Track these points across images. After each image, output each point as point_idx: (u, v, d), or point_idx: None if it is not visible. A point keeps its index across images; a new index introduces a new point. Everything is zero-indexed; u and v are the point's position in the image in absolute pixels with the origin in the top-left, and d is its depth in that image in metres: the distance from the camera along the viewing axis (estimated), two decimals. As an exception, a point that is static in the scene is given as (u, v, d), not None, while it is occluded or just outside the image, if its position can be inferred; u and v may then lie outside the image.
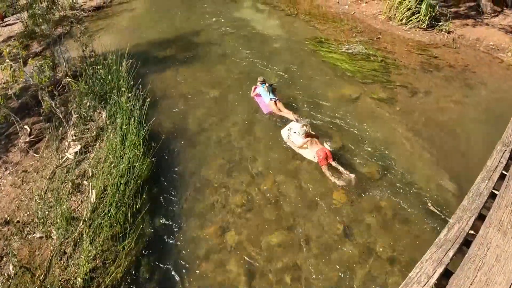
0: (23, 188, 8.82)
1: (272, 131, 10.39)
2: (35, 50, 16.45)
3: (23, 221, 8.04)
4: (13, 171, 9.38)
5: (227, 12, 19.47)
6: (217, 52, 15.03)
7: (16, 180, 9.06)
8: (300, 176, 8.92)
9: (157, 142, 9.29)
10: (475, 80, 12.40)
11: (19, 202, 8.49)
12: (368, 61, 13.50)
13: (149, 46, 15.93)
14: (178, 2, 21.85)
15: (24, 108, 11.67)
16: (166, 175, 9.10)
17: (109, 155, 8.89)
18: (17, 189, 8.81)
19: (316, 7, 19.65)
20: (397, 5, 16.66)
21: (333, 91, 11.85)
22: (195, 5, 20.64)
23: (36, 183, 8.90)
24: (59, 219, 7.62)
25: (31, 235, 7.74)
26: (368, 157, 9.24)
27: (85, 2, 23.40)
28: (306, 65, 13.52)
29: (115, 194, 7.84)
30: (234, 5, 20.81)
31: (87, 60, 13.05)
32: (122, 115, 9.89)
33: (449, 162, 9.07)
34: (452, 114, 10.79)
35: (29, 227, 7.92)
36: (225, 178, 9.01)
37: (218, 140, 10.20)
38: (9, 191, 8.81)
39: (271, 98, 10.99)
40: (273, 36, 16.25)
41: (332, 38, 15.59)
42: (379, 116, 10.73)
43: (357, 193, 8.33)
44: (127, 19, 20.09)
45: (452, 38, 15.05)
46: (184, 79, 13.12)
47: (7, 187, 8.92)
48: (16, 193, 8.71)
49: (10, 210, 8.30)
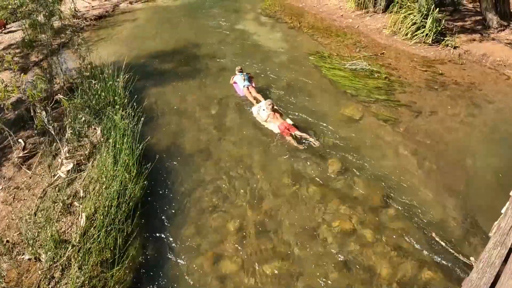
0: (14, 206, 8.57)
1: (270, 153, 10.14)
2: (35, 59, 16.34)
3: (13, 241, 7.78)
4: (5, 187, 9.15)
5: (230, 24, 19.38)
6: (217, 66, 14.83)
7: (8, 197, 8.82)
8: (300, 201, 8.62)
9: (152, 161, 9.04)
10: (481, 98, 12.12)
11: (10, 220, 8.23)
12: (372, 78, 13.21)
13: (149, 58, 15.79)
14: (181, 14, 21.82)
15: (19, 120, 11.47)
16: (159, 198, 8.84)
17: (101, 175, 8.64)
18: (8, 207, 8.56)
19: (320, 20, 19.52)
20: (402, 19, 16.44)
21: (335, 111, 11.58)
22: (198, 17, 20.59)
23: (27, 202, 8.65)
24: (48, 241, 7.33)
25: (20, 256, 7.47)
26: (370, 181, 8.96)
27: (88, 11, 23.38)
28: (308, 82, 13.25)
29: (106, 218, 7.56)
30: (237, 17, 20.72)
31: (84, 73, 12.87)
32: (116, 133, 9.66)
33: (454, 187, 8.76)
34: (458, 135, 10.51)
35: (19, 247, 7.66)
36: (220, 202, 8.72)
37: (214, 162, 9.93)
38: (0, 208, 8.56)
39: (244, 85, 12.56)
40: (276, 50, 16.06)
41: (335, 53, 15.36)
42: (383, 138, 10.44)
43: (359, 221, 8.02)
44: (129, 29, 20.02)
45: (458, 54, 14.79)
46: (182, 95, 12.91)
47: (-1, 203, 8.66)
48: (7, 211, 8.45)
49: (0, 229, 8.06)
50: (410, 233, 7.73)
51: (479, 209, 8.10)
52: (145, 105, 11.86)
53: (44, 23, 13.25)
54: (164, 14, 22.50)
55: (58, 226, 7.81)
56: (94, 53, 14.38)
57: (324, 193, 8.71)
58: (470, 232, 7.69)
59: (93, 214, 7.83)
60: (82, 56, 13.45)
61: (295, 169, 9.46)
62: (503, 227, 5.82)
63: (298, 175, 9.28)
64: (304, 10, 21.35)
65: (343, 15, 19.63)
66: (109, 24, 21.16)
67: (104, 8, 24.16)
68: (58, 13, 14.25)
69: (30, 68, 15.96)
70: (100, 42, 18.03)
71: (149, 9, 23.82)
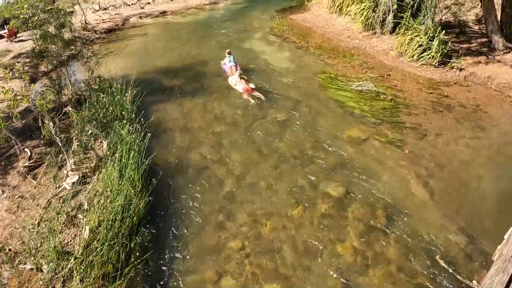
0: (18, 215, 8.61)
1: (275, 171, 10.15)
2: (44, 70, 16.52)
3: (15, 250, 7.79)
4: (10, 195, 9.21)
5: (238, 43, 19.54)
6: (224, 85, 14.91)
7: (12, 206, 8.86)
8: (304, 221, 8.60)
9: (157, 177, 9.05)
10: (486, 121, 12.14)
11: (13, 229, 8.26)
12: (378, 99, 13.26)
13: (157, 74, 15.92)
14: (190, 31, 22.07)
15: (26, 130, 11.61)
16: (164, 214, 8.85)
17: (107, 188, 8.66)
18: (12, 215, 8.60)
19: (327, 40, 19.68)
20: (408, 41, 16.56)
21: (340, 132, 11.59)
22: (206, 35, 20.79)
23: (31, 211, 8.69)
24: (51, 252, 7.35)
25: (22, 265, 7.48)
26: (374, 204, 8.94)
27: (98, 24, 23.71)
28: (314, 103, 13.32)
29: (109, 231, 7.58)
30: (245, 36, 20.92)
31: (92, 86, 13.00)
32: (122, 147, 9.71)
33: (458, 210, 8.74)
34: (462, 158, 10.49)
35: (21, 256, 7.67)
36: (224, 221, 8.71)
37: (219, 180, 9.94)
38: (3, 216, 8.61)
39: (230, 66, 15.53)
40: (282, 70, 16.16)
41: (341, 73, 15.44)
42: (387, 160, 10.44)
43: (362, 242, 8.01)
44: (138, 44, 20.23)
45: (464, 76, 14.84)
46: (189, 112, 13.00)
47: (2, 212, 8.72)
48: (10, 219, 8.50)
49: (3, 237, 8.07)
50: (414, 255, 7.71)
51: (484, 233, 8.07)
52: (152, 121, 11.96)
53: (55, 34, 13.41)
54: (173, 30, 22.74)
55: (61, 238, 7.84)
56: (103, 67, 14.55)
57: (328, 214, 8.71)
58: (474, 255, 7.67)
59: (97, 227, 7.85)
60: (91, 69, 13.61)
61: (300, 189, 9.48)
62: (505, 253, 5.77)
63: (303, 195, 9.28)
64: (312, 30, 21.55)
65: (350, 36, 19.82)
66: (118, 38, 21.41)
67: (114, 22, 24.50)
68: (69, 25, 14.44)
69: (39, 78, 16.17)
70: (109, 55, 18.24)
71: (158, 25, 24.12)
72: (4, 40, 22.84)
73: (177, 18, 25.20)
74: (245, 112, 12.85)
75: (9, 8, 12.95)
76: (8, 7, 12.98)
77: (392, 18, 17.85)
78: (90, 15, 24.80)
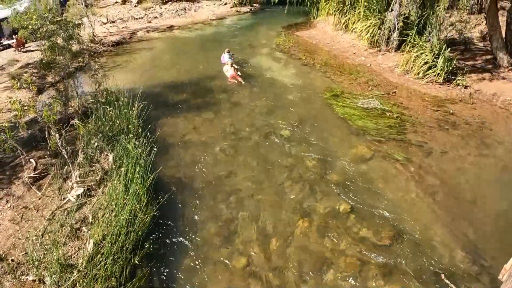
0: (21, 225, 8.60)
1: (277, 190, 10.14)
2: (51, 81, 16.61)
3: (17, 260, 7.78)
4: (14, 205, 9.21)
5: (244, 58, 19.69)
6: (230, 100, 15.03)
7: (16, 216, 8.87)
8: (309, 239, 8.57)
9: (162, 192, 9.07)
10: (492, 138, 12.18)
11: (16, 239, 8.25)
12: (383, 117, 13.28)
13: (163, 88, 16.01)
14: (197, 46, 22.23)
15: (32, 140, 11.64)
16: (168, 229, 8.82)
17: (112, 202, 8.67)
18: (16, 226, 8.60)
19: (333, 57, 19.80)
20: (414, 58, 16.66)
21: (346, 149, 11.63)
22: (213, 50, 20.89)
23: (35, 222, 8.67)
24: (54, 264, 7.33)
25: (24, 276, 7.45)
26: (379, 221, 8.91)
27: (105, 37, 23.89)
28: (320, 120, 13.38)
29: (114, 245, 7.55)
30: (251, 52, 21.08)
31: (99, 98, 13.06)
32: (128, 161, 9.74)
33: (464, 228, 8.71)
34: (468, 176, 10.48)
35: (23, 267, 7.65)
36: (229, 237, 8.69)
37: (224, 196, 9.92)
38: (7, 226, 8.60)
39: (228, 61, 18.00)
40: (289, 87, 16.26)
41: (347, 91, 15.51)
42: (393, 178, 10.44)
43: (367, 260, 7.95)
44: (144, 58, 20.36)
45: (469, 93, 14.92)
46: (195, 127, 13.06)
47: (6, 221, 8.73)
48: (14, 230, 8.49)
49: (6, 247, 8.06)
50: (419, 273, 7.67)
51: (489, 251, 8.05)
52: (158, 135, 12.00)
53: (63, 46, 13.51)
54: (180, 45, 22.90)
55: (64, 250, 7.82)
56: (110, 79, 14.64)
57: (334, 232, 8.68)
58: (480, 274, 7.63)
59: (101, 240, 7.83)
60: (98, 82, 13.68)
61: (305, 206, 9.47)
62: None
63: (308, 213, 9.26)
64: (318, 47, 21.70)
65: (356, 53, 19.95)
66: (125, 51, 21.55)
67: (122, 35, 24.67)
68: (77, 37, 14.56)
69: (46, 88, 16.25)
70: (116, 68, 18.34)
71: (165, 39, 24.29)
72: (12, 50, 23.08)
73: (184, 33, 25.39)
74: (251, 128, 12.91)
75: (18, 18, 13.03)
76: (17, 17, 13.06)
77: (397, 36, 17.93)
78: (98, 28, 25.00)
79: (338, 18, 23.31)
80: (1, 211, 9.05)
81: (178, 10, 33.71)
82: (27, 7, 13.98)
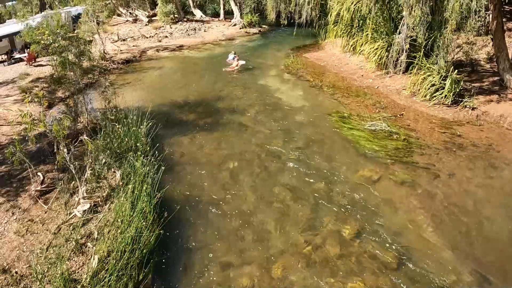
0: (26, 238, 8.61)
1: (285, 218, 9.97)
2: (61, 96, 16.80)
3: (21, 273, 7.76)
4: (20, 218, 9.25)
5: (253, 79, 19.87)
6: (237, 121, 15.12)
7: (21, 228, 8.89)
8: (315, 261, 8.48)
9: (169, 211, 9.01)
10: (499, 160, 12.10)
11: (20, 252, 8.24)
12: (391, 139, 13.27)
13: (172, 107, 16.16)
14: (205, 66, 22.51)
15: (40, 154, 11.75)
16: (173, 248, 8.78)
17: (117, 219, 8.67)
18: (21, 238, 8.61)
19: (341, 79, 19.94)
20: (421, 80, 16.72)
21: (352, 172, 11.61)
22: (221, 70, 21.04)
23: (40, 236, 8.69)
24: (58, 278, 7.29)
25: (27, 289, 7.41)
26: (385, 244, 8.82)
27: (116, 54, 24.24)
28: (327, 142, 13.41)
29: (118, 262, 7.53)
30: (260, 73, 21.29)
31: (108, 115, 13.18)
32: (135, 179, 9.76)
33: (470, 251, 8.60)
34: (475, 199, 10.37)
35: (27, 280, 7.62)
36: (234, 259, 8.60)
37: (229, 216, 9.89)
38: (12, 238, 8.62)
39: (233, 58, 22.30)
40: (296, 108, 16.36)
41: (355, 113, 15.57)
42: (400, 200, 10.37)
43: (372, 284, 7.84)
44: (154, 77, 20.60)
45: (476, 115, 14.90)
46: (202, 147, 13.15)
47: (11, 233, 8.75)
48: (18, 242, 8.50)
49: (10, 259, 8.06)
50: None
51: (495, 274, 7.93)
52: (166, 154, 12.06)
53: (74, 62, 13.70)
54: (189, 64, 23.19)
55: (69, 264, 7.79)
56: (120, 97, 14.81)
57: (339, 254, 8.60)
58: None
59: (106, 257, 7.82)
60: (107, 99, 13.83)
61: (310, 229, 9.40)
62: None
63: (313, 235, 9.20)
64: (326, 69, 21.89)
65: (363, 75, 20.10)
66: (135, 69, 21.84)
67: (132, 53, 25.08)
68: (88, 54, 14.78)
69: (56, 103, 16.43)
70: (125, 86, 18.57)
71: (175, 58, 24.61)
72: (23, 63, 23.45)
73: (194, 53, 25.73)
74: (258, 149, 12.95)
75: (30, 32, 13.26)
76: (30, 32, 13.29)
77: (405, 58, 18.00)
78: (108, 45, 25.43)
79: (346, 40, 23.61)
80: (7, 223, 9.08)
81: (188, 30, 34.26)
82: (39, 22, 14.19)
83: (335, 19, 24.40)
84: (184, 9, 44.79)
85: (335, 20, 24.55)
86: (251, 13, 39.84)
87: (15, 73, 21.15)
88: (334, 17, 24.21)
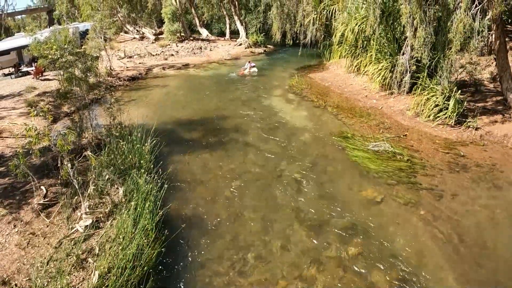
0: (27, 251, 8.60)
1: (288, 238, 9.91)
2: (66, 111, 16.93)
3: (21, 286, 7.74)
4: (21, 230, 9.25)
5: (257, 99, 19.97)
6: (242, 141, 15.15)
7: (22, 241, 8.88)
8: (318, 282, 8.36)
9: (171, 229, 9.02)
10: (503, 180, 11.97)
11: (21, 265, 8.23)
12: (394, 160, 13.20)
13: (176, 125, 16.25)
14: (210, 85, 22.67)
15: (44, 168, 11.80)
16: (174, 267, 8.70)
17: (119, 235, 8.65)
18: (21, 251, 8.60)
19: (345, 100, 20.00)
20: (425, 101, 16.69)
21: (356, 192, 11.56)
22: (226, 89, 21.28)
23: (41, 249, 8.67)
24: (57, 294, 7.30)
25: (26, 302, 7.39)
26: (388, 266, 8.73)
27: (122, 71, 24.48)
28: (330, 162, 13.38)
29: (119, 279, 7.50)
30: (264, 93, 21.45)
31: (113, 131, 13.29)
32: (138, 196, 9.77)
33: (475, 273, 8.46)
34: (479, 219, 10.26)
35: (26, 293, 7.60)
36: (234, 279, 8.51)
37: (232, 236, 9.82)
38: (13, 250, 8.61)
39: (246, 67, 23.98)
40: (300, 128, 16.39)
41: (358, 133, 15.55)
42: (403, 221, 10.28)
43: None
44: (159, 95, 20.74)
45: (480, 135, 14.78)
46: (206, 166, 13.14)
47: (12, 246, 8.74)
48: (19, 254, 8.49)
49: (10, 271, 8.04)
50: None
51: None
52: (170, 172, 12.06)
53: (80, 77, 13.85)
54: (194, 83, 23.37)
55: (69, 279, 7.73)
56: (125, 114, 14.92)
57: (342, 276, 8.51)
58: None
59: (107, 273, 7.78)
60: (113, 115, 13.95)
61: (313, 250, 9.31)
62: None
63: (317, 256, 9.11)
64: (330, 89, 21.99)
65: (367, 96, 20.14)
66: (141, 87, 22.03)
67: (138, 70, 25.35)
68: (94, 70, 14.95)
69: (61, 118, 16.56)
70: (131, 103, 18.69)
71: (180, 76, 24.82)
72: (30, 77, 23.72)
73: (199, 71, 25.97)
74: (262, 170, 12.93)
75: (38, 47, 13.47)
76: (38, 46, 13.50)
77: (409, 79, 17.94)
78: (115, 62, 25.70)
79: (350, 61, 23.80)
80: (8, 235, 9.08)
81: (194, 49, 34.65)
82: (47, 37, 14.40)
83: (340, 40, 24.70)
84: (191, 28, 45.44)
85: (339, 41, 24.84)
86: (256, 33, 40.39)
87: (22, 86, 21.39)
88: (339, 37, 24.51)
